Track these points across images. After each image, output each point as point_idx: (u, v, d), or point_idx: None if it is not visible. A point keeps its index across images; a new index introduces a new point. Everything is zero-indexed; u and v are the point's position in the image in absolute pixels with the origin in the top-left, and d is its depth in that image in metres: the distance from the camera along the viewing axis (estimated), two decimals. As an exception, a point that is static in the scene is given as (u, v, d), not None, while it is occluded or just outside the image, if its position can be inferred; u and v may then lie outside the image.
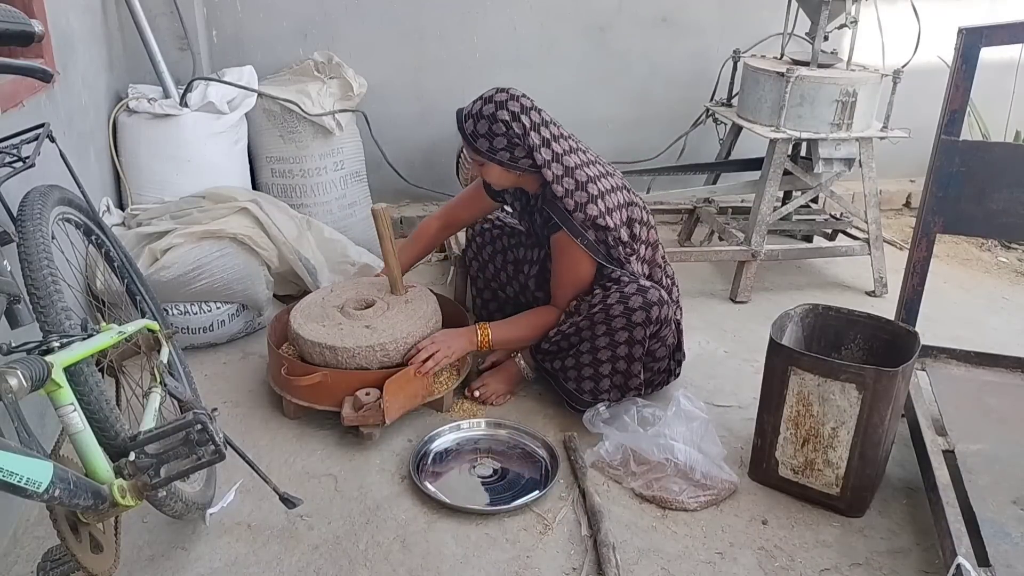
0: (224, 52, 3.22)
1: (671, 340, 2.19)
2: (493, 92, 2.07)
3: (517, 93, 2.08)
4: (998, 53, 2.26)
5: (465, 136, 2.08)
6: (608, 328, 2.05)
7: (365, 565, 1.69)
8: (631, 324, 2.03)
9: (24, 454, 1.07)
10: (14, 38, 1.30)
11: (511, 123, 2.03)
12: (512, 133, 2.03)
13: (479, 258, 2.55)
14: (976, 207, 1.96)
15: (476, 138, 2.06)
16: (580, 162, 2.10)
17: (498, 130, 2.03)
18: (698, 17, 3.66)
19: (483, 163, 2.11)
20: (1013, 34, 1.91)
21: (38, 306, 1.35)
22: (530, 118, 2.06)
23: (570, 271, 2.13)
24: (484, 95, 2.08)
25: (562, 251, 2.12)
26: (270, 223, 2.57)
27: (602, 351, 2.08)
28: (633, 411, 2.06)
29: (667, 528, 1.81)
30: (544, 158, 2.05)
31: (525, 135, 2.04)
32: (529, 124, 2.05)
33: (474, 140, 2.06)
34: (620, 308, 2.02)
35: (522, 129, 2.04)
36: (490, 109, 2.04)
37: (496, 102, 2.05)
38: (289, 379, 2.10)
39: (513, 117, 2.04)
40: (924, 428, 1.91)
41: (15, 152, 1.52)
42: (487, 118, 2.04)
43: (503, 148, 2.05)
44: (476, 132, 2.06)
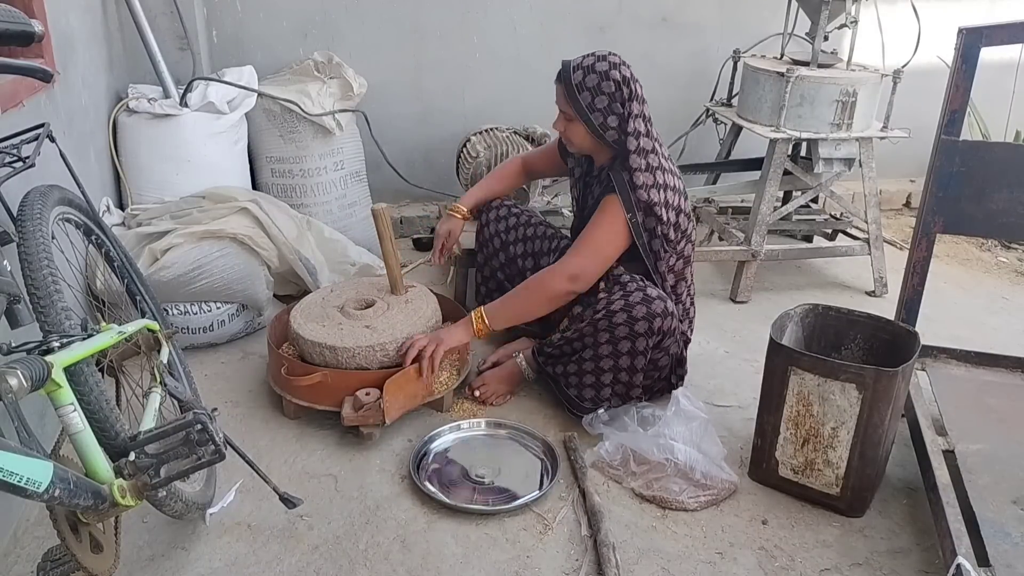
0: (224, 52, 3.22)
1: (675, 350, 2.17)
2: (606, 52, 2.06)
3: (627, 61, 2.07)
4: (998, 53, 2.26)
5: (570, 86, 2.03)
6: (611, 336, 2.02)
7: (365, 565, 1.69)
8: (634, 334, 2.00)
9: (24, 454, 1.07)
10: (14, 38, 1.30)
11: (621, 85, 2.02)
12: (618, 95, 2.01)
13: (492, 243, 2.49)
14: (976, 207, 1.96)
15: (581, 90, 2.02)
16: (658, 150, 2.10)
17: (606, 88, 2.01)
18: (698, 17, 3.66)
19: (571, 119, 2.08)
20: (1013, 34, 1.91)
21: (38, 306, 1.35)
22: (636, 88, 2.05)
23: (602, 236, 2.05)
24: (596, 53, 2.06)
25: (605, 214, 2.06)
26: (270, 223, 2.57)
27: (604, 359, 2.06)
28: (633, 411, 2.06)
29: (667, 528, 1.81)
30: (635, 128, 2.04)
31: (627, 102, 2.02)
32: (633, 93, 2.04)
33: (579, 92, 2.02)
34: (624, 316, 1.99)
35: (628, 95, 2.02)
36: (604, 66, 2.02)
37: (611, 62, 2.03)
38: (289, 379, 2.10)
39: (624, 81, 2.02)
40: (924, 428, 1.91)
41: (15, 152, 1.52)
42: (599, 74, 2.01)
43: (601, 109, 2.02)
44: (584, 84, 2.02)
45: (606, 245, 2.06)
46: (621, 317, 2.00)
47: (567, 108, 2.08)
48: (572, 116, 2.07)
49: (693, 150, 3.66)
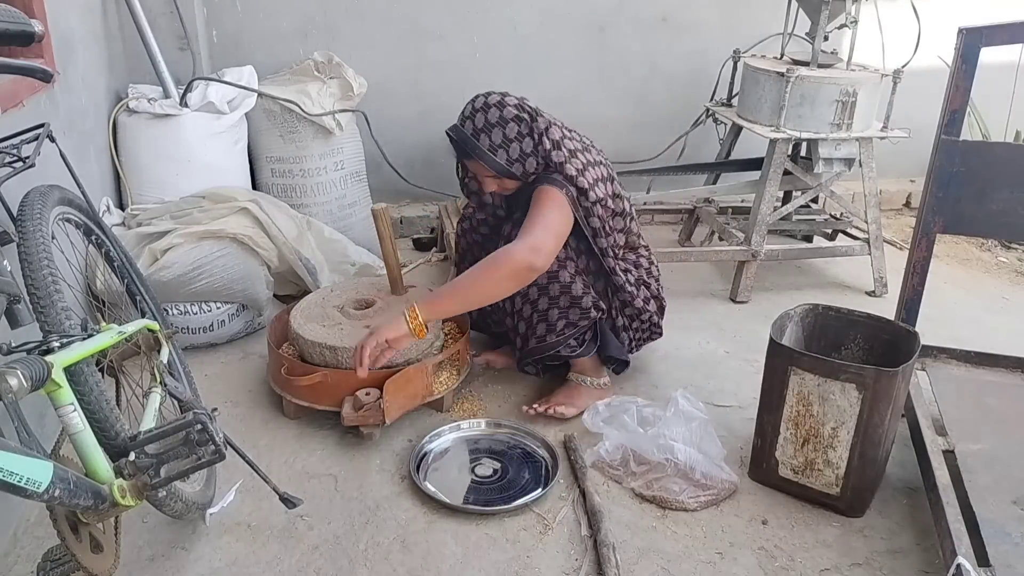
0: (224, 52, 3.22)
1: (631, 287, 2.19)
2: (482, 99, 2.05)
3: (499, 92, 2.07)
4: (998, 53, 2.25)
5: (468, 140, 2.02)
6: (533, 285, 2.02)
7: (365, 565, 1.69)
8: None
9: (24, 454, 1.07)
10: (14, 38, 1.30)
11: (520, 119, 2.03)
12: (522, 131, 2.02)
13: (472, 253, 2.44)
14: (976, 207, 1.96)
15: (495, 151, 2.01)
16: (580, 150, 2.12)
17: (511, 132, 2.01)
18: (698, 17, 3.66)
19: (496, 176, 2.06)
20: (1013, 34, 1.91)
21: (38, 306, 1.35)
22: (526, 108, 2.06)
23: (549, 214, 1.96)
24: (475, 106, 2.04)
25: (543, 197, 1.99)
26: (270, 223, 2.57)
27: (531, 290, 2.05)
28: (633, 410, 2.06)
29: (667, 528, 1.81)
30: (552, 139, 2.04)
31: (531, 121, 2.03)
32: (532, 112, 2.05)
33: (494, 154, 2.01)
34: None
35: (530, 115, 2.04)
36: (480, 102, 2.03)
37: (488, 99, 2.04)
38: (289, 379, 2.10)
39: (518, 111, 2.03)
40: (924, 428, 1.91)
41: (15, 152, 1.52)
42: (484, 109, 2.02)
43: (501, 143, 2.00)
44: (493, 145, 2.01)
45: (555, 222, 1.97)
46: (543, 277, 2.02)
47: (484, 170, 2.05)
48: (493, 173, 2.04)
49: (693, 150, 3.66)
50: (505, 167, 2.03)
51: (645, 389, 2.35)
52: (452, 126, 2.08)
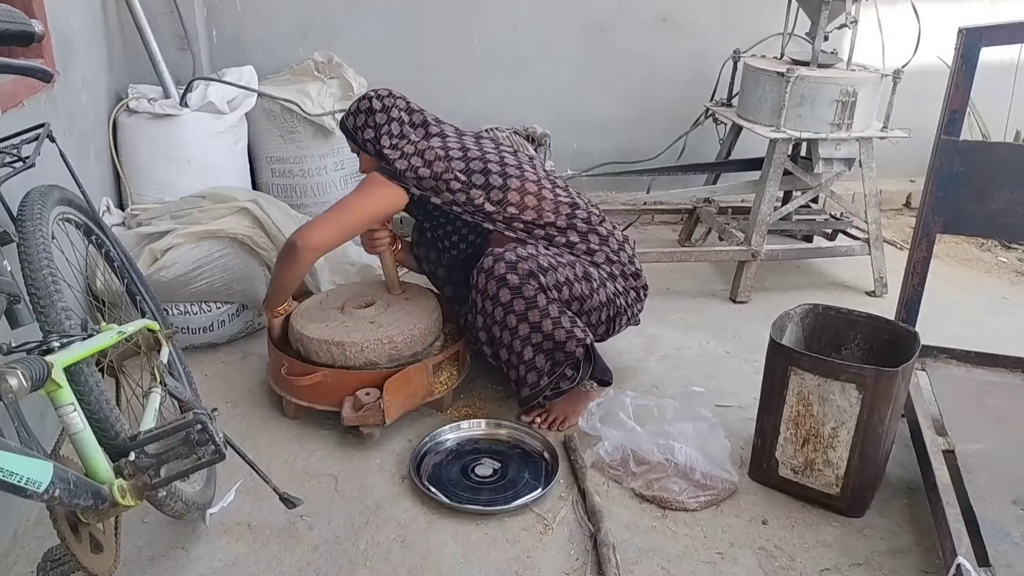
0: (224, 52, 3.22)
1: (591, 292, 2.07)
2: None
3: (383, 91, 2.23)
4: (998, 53, 2.26)
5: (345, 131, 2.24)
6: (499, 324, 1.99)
7: (365, 565, 1.69)
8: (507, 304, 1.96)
9: (24, 454, 1.07)
10: (14, 38, 1.30)
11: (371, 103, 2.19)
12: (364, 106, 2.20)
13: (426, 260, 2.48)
14: (976, 207, 1.96)
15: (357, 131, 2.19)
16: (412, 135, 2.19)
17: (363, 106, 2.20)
18: (698, 17, 3.67)
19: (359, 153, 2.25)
20: (1013, 34, 1.91)
21: (38, 306, 1.35)
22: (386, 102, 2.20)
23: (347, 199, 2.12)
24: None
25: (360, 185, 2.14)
26: (270, 223, 2.57)
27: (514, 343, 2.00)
28: (627, 404, 2.05)
29: (667, 528, 1.81)
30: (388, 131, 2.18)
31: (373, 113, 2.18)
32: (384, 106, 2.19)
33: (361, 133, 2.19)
34: (489, 304, 1.98)
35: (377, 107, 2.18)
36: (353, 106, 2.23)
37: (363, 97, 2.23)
38: (289, 379, 2.10)
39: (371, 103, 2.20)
40: (924, 428, 1.91)
41: (15, 152, 1.52)
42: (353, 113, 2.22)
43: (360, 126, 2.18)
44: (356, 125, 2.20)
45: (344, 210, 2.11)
46: (488, 305, 1.98)
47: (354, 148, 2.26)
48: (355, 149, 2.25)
49: (693, 150, 3.66)
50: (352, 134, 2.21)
51: (645, 389, 2.35)
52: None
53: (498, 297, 1.97)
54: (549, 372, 2.04)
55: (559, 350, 2.01)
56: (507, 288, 1.96)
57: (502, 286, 1.96)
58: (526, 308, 1.97)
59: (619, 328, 2.21)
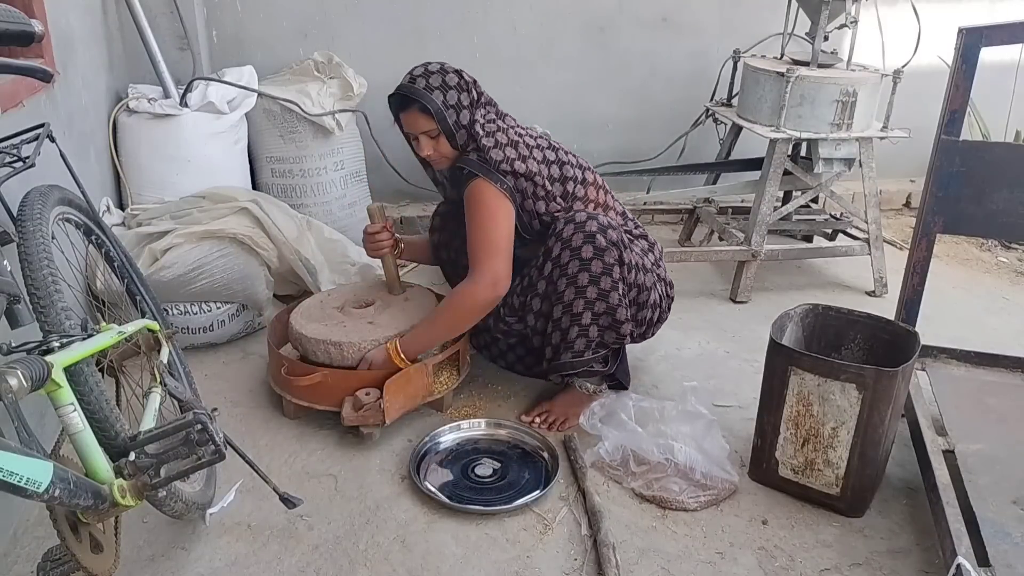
0: (224, 52, 3.22)
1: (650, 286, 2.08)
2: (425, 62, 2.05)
3: None
4: (998, 53, 2.25)
5: (422, 94, 1.97)
6: (568, 279, 1.96)
7: (365, 565, 1.69)
8: (585, 262, 1.94)
9: (24, 454, 1.07)
10: (14, 38, 1.30)
11: (459, 75, 2.03)
12: (462, 84, 2.01)
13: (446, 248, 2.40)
14: (976, 207, 1.96)
15: (431, 90, 1.97)
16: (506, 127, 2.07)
17: (451, 81, 2.00)
18: (698, 17, 3.67)
19: (435, 135, 2.02)
20: (1013, 34, 1.91)
21: (38, 306, 1.35)
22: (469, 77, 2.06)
23: (484, 225, 1.97)
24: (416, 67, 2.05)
25: (476, 202, 1.98)
26: (270, 223, 2.57)
27: (576, 303, 1.98)
28: (629, 406, 2.06)
29: (667, 528, 1.81)
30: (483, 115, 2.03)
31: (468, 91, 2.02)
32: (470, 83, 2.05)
33: (430, 92, 1.97)
34: (567, 254, 1.95)
35: (468, 84, 2.04)
36: (435, 67, 2.03)
37: (438, 64, 2.04)
38: (289, 379, 2.10)
39: (458, 72, 2.04)
40: (924, 428, 1.91)
41: (15, 152, 1.52)
42: (436, 73, 2.01)
43: (453, 104, 1.99)
44: (430, 85, 1.98)
45: (499, 237, 1.98)
46: (565, 256, 1.96)
47: (427, 123, 2.01)
48: (435, 132, 2.01)
49: (693, 150, 3.66)
50: (441, 108, 1.98)
51: (645, 389, 2.35)
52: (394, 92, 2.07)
53: (580, 252, 1.94)
54: (596, 348, 2.03)
55: (613, 330, 2.01)
56: (592, 246, 1.94)
57: (588, 242, 1.94)
58: (601, 272, 1.95)
59: (649, 335, 2.21)
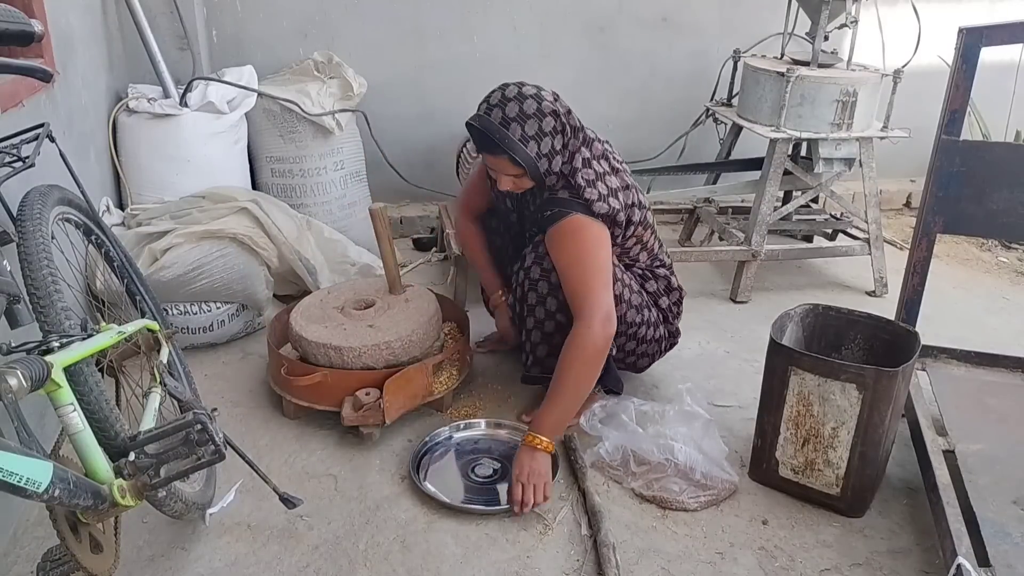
0: (224, 52, 3.22)
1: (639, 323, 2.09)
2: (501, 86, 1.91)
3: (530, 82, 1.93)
4: (998, 53, 2.25)
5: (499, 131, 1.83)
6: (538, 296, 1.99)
7: (365, 565, 1.69)
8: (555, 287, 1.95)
9: (24, 454, 1.07)
10: (14, 38, 1.30)
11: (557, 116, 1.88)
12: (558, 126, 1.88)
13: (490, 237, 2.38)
14: (976, 207, 1.96)
15: (508, 125, 1.83)
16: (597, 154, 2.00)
17: (547, 126, 1.86)
18: (698, 17, 3.66)
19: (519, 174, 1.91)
20: (1013, 34, 1.91)
21: (38, 306, 1.35)
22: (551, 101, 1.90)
23: (583, 260, 1.88)
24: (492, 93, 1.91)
25: (573, 237, 1.89)
26: (270, 223, 2.57)
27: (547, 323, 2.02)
28: (631, 409, 2.06)
29: (667, 528, 1.81)
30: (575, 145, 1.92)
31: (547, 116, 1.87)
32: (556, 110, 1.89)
33: (525, 145, 1.84)
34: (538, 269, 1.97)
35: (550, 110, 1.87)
36: (513, 91, 1.88)
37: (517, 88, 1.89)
38: (289, 379, 2.10)
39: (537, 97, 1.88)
40: (924, 428, 1.91)
41: (15, 152, 1.52)
42: (515, 100, 1.86)
43: (534, 135, 1.85)
44: (507, 118, 1.84)
45: (602, 272, 1.91)
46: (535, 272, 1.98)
47: (515, 170, 1.90)
48: (519, 172, 1.90)
49: (693, 150, 3.66)
50: (532, 160, 1.86)
51: (645, 389, 2.35)
52: (475, 116, 1.91)
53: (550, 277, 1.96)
54: None
55: None
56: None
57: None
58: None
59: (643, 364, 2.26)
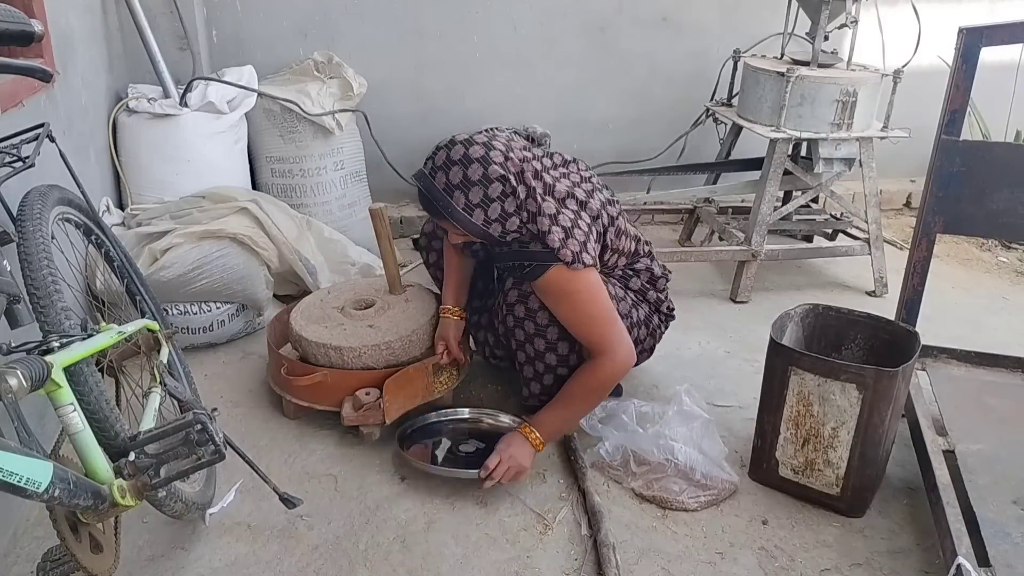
0: (224, 52, 3.22)
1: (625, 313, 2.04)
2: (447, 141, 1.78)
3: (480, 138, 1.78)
4: (998, 53, 2.25)
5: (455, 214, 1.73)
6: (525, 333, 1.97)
7: (365, 565, 1.69)
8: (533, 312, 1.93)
9: (24, 454, 1.07)
10: (14, 38, 1.30)
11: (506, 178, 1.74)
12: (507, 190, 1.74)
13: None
14: (976, 207, 1.96)
15: (471, 211, 1.73)
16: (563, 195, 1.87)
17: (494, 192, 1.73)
18: (698, 17, 3.67)
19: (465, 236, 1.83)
20: (1013, 34, 1.91)
21: (38, 306, 1.35)
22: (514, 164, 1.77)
23: (588, 308, 1.85)
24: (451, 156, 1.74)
25: (565, 293, 1.83)
26: (270, 223, 2.57)
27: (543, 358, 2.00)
28: (631, 410, 2.06)
29: (667, 528, 1.81)
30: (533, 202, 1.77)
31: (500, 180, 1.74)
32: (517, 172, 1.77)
33: (469, 214, 1.73)
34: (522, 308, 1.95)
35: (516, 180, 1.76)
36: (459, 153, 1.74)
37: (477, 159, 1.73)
38: (289, 379, 2.10)
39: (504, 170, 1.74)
40: (924, 428, 1.91)
41: (15, 152, 1.53)
42: (479, 182, 1.72)
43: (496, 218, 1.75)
44: (469, 204, 1.72)
45: (603, 309, 1.87)
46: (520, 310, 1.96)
47: (453, 229, 1.81)
48: (467, 236, 1.82)
49: (693, 150, 3.66)
50: (481, 228, 1.75)
51: (645, 389, 2.35)
52: (419, 172, 1.80)
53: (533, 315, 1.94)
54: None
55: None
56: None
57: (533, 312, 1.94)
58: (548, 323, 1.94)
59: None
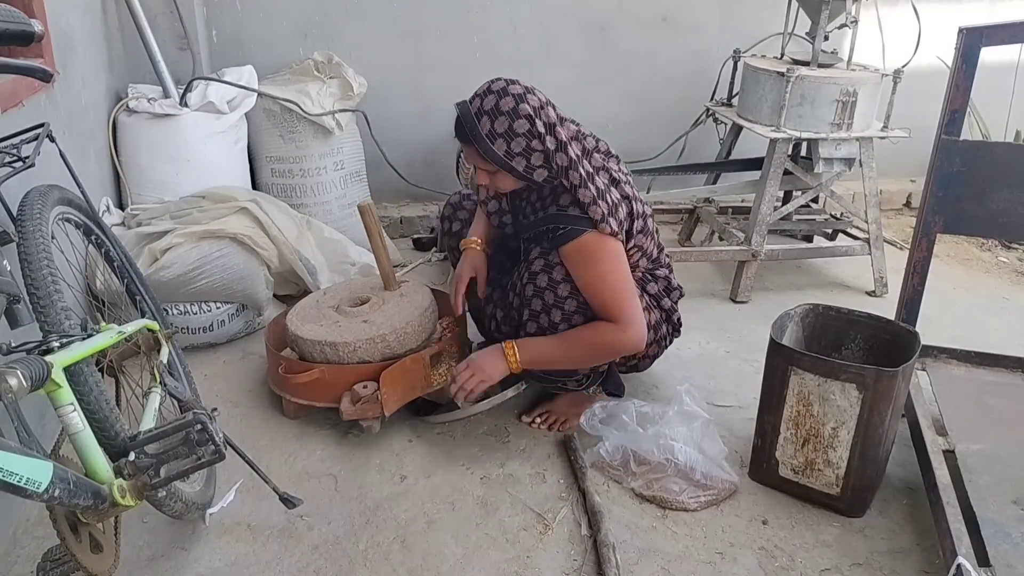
0: (224, 52, 3.22)
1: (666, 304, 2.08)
2: (503, 84, 1.81)
3: (527, 85, 1.85)
4: (998, 53, 2.26)
5: (481, 140, 1.78)
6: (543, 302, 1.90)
7: (365, 565, 1.69)
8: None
9: (24, 454, 1.07)
10: (14, 38, 1.30)
11: (534, 119, 1.78)
12: (535, 131, 1.78)
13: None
14: (976, 207, 1.96)
15: (494, 139, 1.78)
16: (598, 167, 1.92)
17: (520, 128, 1.77)
18: (698, 17, 3.67)
19: (494, 171, 1.85)
20: (1013, 34, 1.91)
21: (38, 306, 1.35)
22: (551, 114, 1.83)
23: (610, 277, 1.84)
24: (493, 87, 1.82)
25: (594, 258, 1.83)
26: (270, 223, 2.57)
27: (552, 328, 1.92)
28: (632, 410, 2.06)
29: (667, 528, 1.81)
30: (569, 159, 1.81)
31: (546, 135, 1.79)
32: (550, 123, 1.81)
33: (492, 142, 1.78)
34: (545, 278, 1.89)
35: (545, 127, 1.79)
36: (509, 103, 1.77)
37: (514, 94, 1.79)
38: (287, 377, 2.10)
39: (536, 113, 1.78)
40: (924, 428, 1.91)
41: (15, 152, 1.53)
42: (507, 114, 1.77)
43: (521, 152, 1.79)
44: (494, 131, 1.77)
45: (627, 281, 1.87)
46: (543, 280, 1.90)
47: (476, 157, 1.84)
48: (488, 167, 1.85)
49: (693, 150, 3.66)
50: (503, 159, 1.80)
51: (645, 389, 2.35)
52: (461, 101, 1.86)
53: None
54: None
55: None
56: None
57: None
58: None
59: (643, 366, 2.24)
